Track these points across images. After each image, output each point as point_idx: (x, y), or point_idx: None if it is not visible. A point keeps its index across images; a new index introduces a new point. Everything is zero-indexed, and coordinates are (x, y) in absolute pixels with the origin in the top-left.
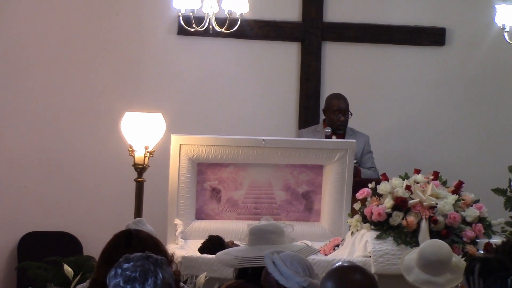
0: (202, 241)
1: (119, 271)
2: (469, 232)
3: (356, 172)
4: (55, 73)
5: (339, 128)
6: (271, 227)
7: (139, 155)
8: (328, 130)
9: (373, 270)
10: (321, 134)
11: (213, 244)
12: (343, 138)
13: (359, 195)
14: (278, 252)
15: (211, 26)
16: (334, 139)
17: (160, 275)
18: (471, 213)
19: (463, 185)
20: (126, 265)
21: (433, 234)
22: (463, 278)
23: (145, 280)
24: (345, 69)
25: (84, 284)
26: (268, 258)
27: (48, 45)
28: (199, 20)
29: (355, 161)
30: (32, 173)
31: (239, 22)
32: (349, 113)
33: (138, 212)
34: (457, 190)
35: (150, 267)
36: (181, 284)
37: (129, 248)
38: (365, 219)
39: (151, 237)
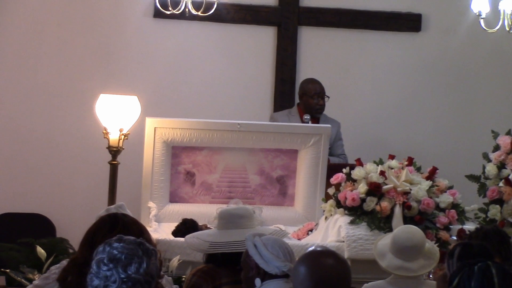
0: (176, 224)
1: (107, 248)
2: (442, 218)
3: None
4: (29, 55)
5: (317, 112)
6: (240, 211)
7: (114, 137)
8: (307, 117)
9: (346, 255)
10: (295, 118)
11: (187, 228)
12: (317, 123)
13: (333, 180)
14: (259, 235)
15: (187, 9)
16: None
17: (145, 264)
18: (445, 199)
19: (437, 171)
20: (116, 245)
21: (407, 220)
22: (445, 262)
23: (128, 264)
24: (321, 54)
25: (57, 265)
26: (250, 240)
27: (23, 27)
28: (175, 3)
29: None
30: (5, 154)
31: (215, 6)
32: (326, 96)
33: (112, 195)
34: (431, 176)
35: (138, 253)
36: (162, 273)
37: (112, 232)
38: (339, 204)
39: (136, 223)
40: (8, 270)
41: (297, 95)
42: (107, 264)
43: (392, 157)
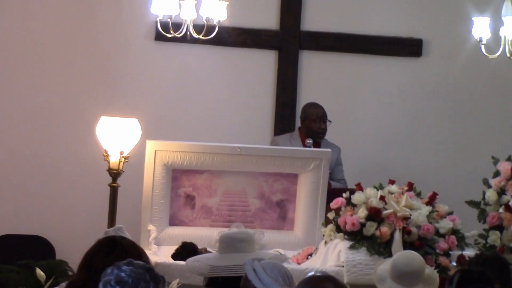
0: (175, 247)
1: (115, 270)
2: (442, 244)
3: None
4: (31, 77)
5: (319, 136)
6: (241, 235)
7: (114, 160)
8: (309, 141)
9: (346, 280)
10: (297, 142)
11: (186, 251)
12: (318, 148)
13: (333, 204)
14: (259, 260)
15: (188, 33)
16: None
17: None
18: (445, 224)
19: (437, 196)
20: (124, 267)
21: (407, 245)
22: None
23: (134, 287)
24: (321, 78)
25: (56, 287)
26: (249, 265)
27: (25, 49)
28: (177, 26)
29: None
30: (6, 176)
31: (216, 29)
32: (328, 120)
33: (112, 217)
34: (431, 201)
35: (146, 277)
36: None
37: (110, 255)
38: (338, 229)
39: (135, 246)
40: None
41: (297, 119)
42: (114, 286)
43: (392, 182)
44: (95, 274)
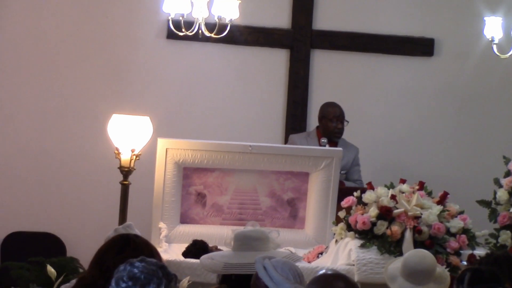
0: (186, 245)
1: (128, 267)
2: (453, 243)
3: (340, 185)
4: (44, 75)
5: (336, 136)
6: (256, 233)
7: (125, 157)
8: (324, 140)
9: (356, 278)
10: (313, 141)
11: (197, 249)
12: (336, 147)
13: (344, 203)
14: (269, 258)
15: (200, 31)
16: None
17: (163, 286)
18: (456, 224)
19: (448, 196)
20: (137, 264)
21: (417, 244)
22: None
23: (146, 284)
24: (333, 77)
25: (67, 284)
26: (259, 263)
27: (37, 47)
28: (189, 24)
29: (343, 172)
30: (18, 174)
31: (228, 28)
32: (346, 120)
33: (123, 214)
34: (442, 201)
35: (159, 274)
36: None
37: (123, 253)
38: (349, 228)
39: (148, 244)
40: None
41: (309, 118)
42: (126, 281)
43: (403, 181)
44: (106, 272)
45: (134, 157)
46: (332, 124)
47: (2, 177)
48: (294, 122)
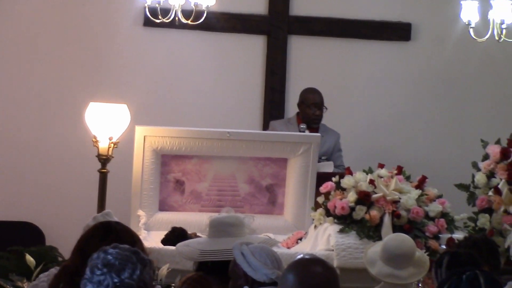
0: (165, 232)
1: (102, 254)
2: (431, 227)
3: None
4: (20, 63)
5: (314, 122)
6: (231, 219)
7: (103, 146)
8: (303, 126)
9: (335, 263)
10: (293, 127)
11: (176, 236)
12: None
13: (323, 188)
14: (247, 244)
15: (177, 18)
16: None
17: (138, 271)
18: (434, 208)
19: (427, 180)
20: (111, 250)
21: (396, 229)
22: (432, 271)
23: (121, 269)
24: (310, 63)
25: (46, 273)
26: (237, 249)
27: (13, 36)
28: (165, 11)
29: (324, 158)
30: None
31: (205, 14)
32: (324, 107)
33: (102, 203)
34: (420, 185)
35: (133, 259)
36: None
37: (105, 240)
38: (328, 213)
39: (130, 231)
40: None
41: (287, 104)
42: (101, 269)
43: (381, 166)
44: (88, 259)
45: (112, 145)
46: (310, 110)
47: None
48: (272, 108)
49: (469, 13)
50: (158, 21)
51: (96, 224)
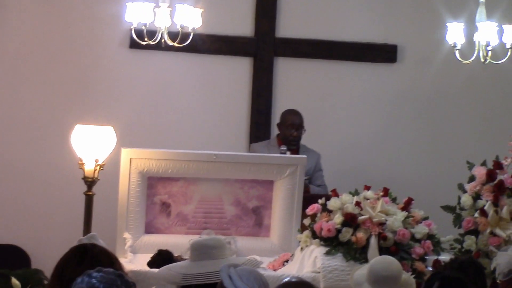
0: (151, 255)
1: (86, 278)
2: (418, 249)
3: (305, 189)
4: (6, 85)
5: (291, 144)
6: (212, 242)
7: (89, 168)
8: (284, 148)
9: (322, 286)
10: (274, 148)
11: (162, 259)
12: (297, 154)
13: (309, 210)
14: (234, 266)
15: (163, 40)
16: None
17: None
18: (420, 230)
19: (413, 202)
20: (95, 274)
21: (382, 251)
22: None
23: None
24: (297, 84)
25: None
26: (225, 272)
27: (1, 57)
28: (151, 33)
29: (306, 177)
30: None
31: (191, 36)
32: (303, 129)
33: (87, 225)
34: (406, 207)
35: (117, 283)
36: None
37: (82, 264)
38: (314, 235)
39: (106, 253)
40: None
41: (273, 126)
42: None
43: (367, 188)
44: (67, 284)
45: (98, 167)
46: (288, 131)
47: None
48: (258, 130)
49: (455, 35)
50: (144, 43)
51: (71, 248)
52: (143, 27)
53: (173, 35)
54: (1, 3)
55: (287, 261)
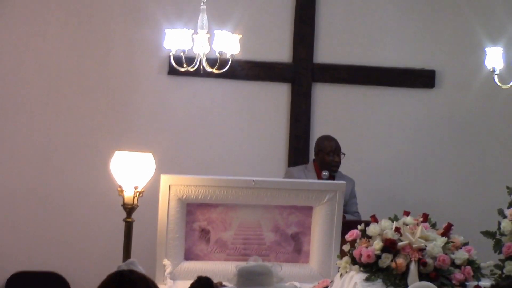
0: (190, 282)
1: None
2: (458, 275)
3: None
4: (47, 112)
5: (333, 169)
6: (259, 268)
7: (129, 195)
8: (326, 173)
9: None
10: (311, 173)
11: (201, 285)
12: (333, 180)
13: (349, 236)
14: None
15: (201, 66)
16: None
17: None
18: (460, 255)
19: (453, 227)
20: None
21: (422, 277)
22: None
23: None
24: (335, 110)
25: None
26: None
27: (41, 83)
28: (190, 60)
29: None
30: (22, 212)
31: (229, 63)
32: (342, 153)
33: (127, 252)
34: (446, 232)
35: None
36: None
37: None
38: (354, 261)
39: (144, 279)
40: None
41: (311, 151)
42: None
43: (407, 213)
44: None
45: (137, 194)
46: (329, 157)
47: (4, 216)
48: (297, 155)
49: (493, 59)
50: (182, 69)
51: (109, 274)
52: (182, 54)
53: (211, 62)
54: (40, 30)
55: (326, 287)
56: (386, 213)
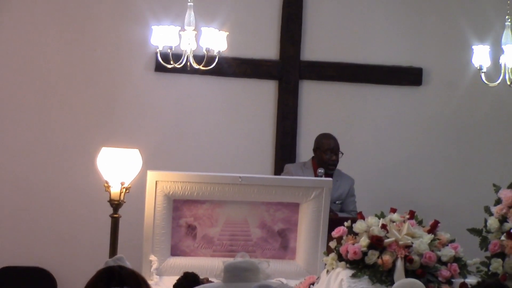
0: (177, 277)
1: None
2: (444, 272)
3: (334, 216)
4: (32, 108)
5: (330, 168)
6: (246, 264)
7: (115, 191)
8: (321, 171)
9: None
10: (309, 171)
11: (188, 281)
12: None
13: (335, 233)
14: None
15: (188, 63)
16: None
17: None
18: (447, 252)
19: (439, 224)
20: None
21: (409, 273)
22: None
23: None
24: (322, 107)
25: None
26: None
27: (26, 81)
28: (177, 57)
29: (338, 202)
30: (7, 208)
31: (216, 60)
32: (340, 152)
33: (113, 248)
34: (433, 229)
35: None
36: None
37: (109, 287)
38: (340, 258)
39: (134, 275)
40: None
41: (298, 148)
42: None
43: (393, 210)
44: None
45: (124, 190)
46: (326, 156)
47: None
48: (284, 152)
49: (480, 58)
50: (169, 66)
51: (99, 270)
52: (169, 51)
53: (198, 58)
54: (26, 27)
55: (313, 284)
56: (373, 210)
